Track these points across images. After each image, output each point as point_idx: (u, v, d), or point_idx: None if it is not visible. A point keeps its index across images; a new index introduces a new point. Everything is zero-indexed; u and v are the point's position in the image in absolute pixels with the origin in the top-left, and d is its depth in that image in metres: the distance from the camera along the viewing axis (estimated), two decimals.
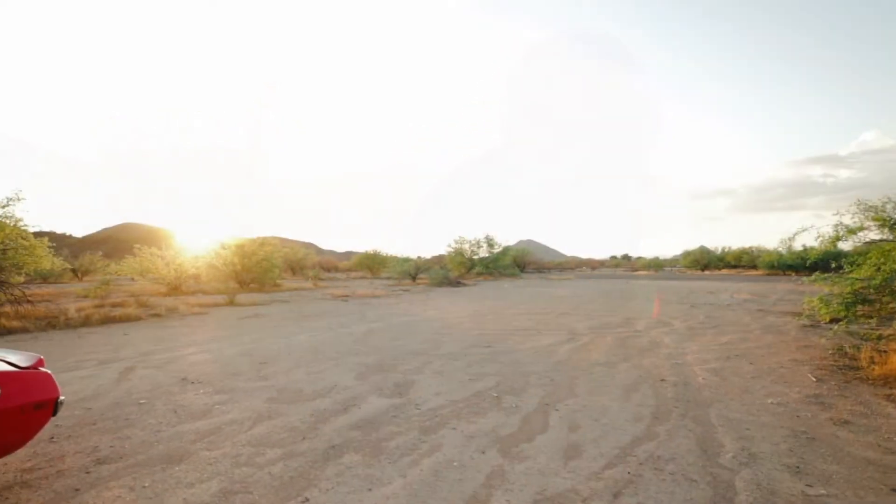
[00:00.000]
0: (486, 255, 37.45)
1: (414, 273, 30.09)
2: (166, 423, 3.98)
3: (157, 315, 11.43)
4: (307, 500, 2.73)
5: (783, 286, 23.01)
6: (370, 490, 2.85)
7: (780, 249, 42.75)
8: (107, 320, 10.35)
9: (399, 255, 37.67)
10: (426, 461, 3.25)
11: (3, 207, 10.51)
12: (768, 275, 39.80)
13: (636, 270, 61.07)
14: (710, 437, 3.65)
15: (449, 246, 38.31)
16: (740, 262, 51.07)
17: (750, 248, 51.81)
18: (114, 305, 12.42)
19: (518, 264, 44.21)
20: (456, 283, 25.94)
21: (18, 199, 10.69)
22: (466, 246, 37.85)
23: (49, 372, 2.80)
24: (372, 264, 39.73)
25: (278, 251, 23.55)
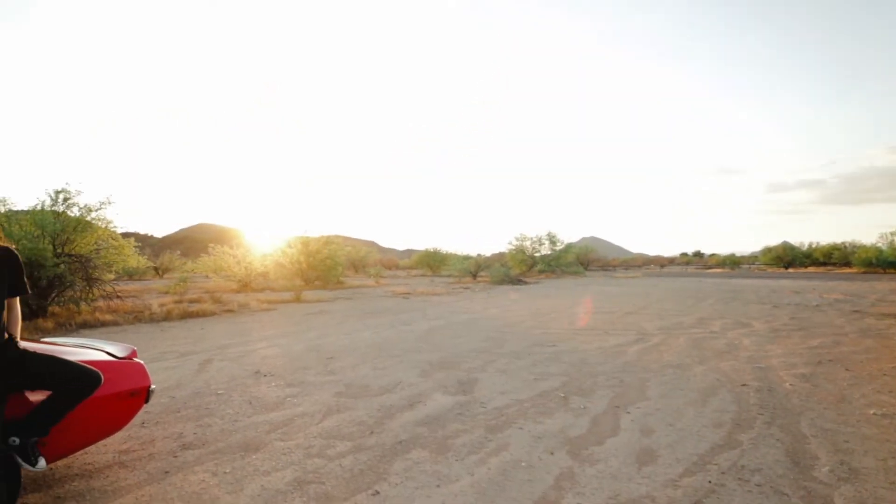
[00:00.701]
0: (548, 252, 36.76)
1: (474, 271, 30.05)
2: (242, 413, 4.16)
3: (230, 311, 12.07)
4: (377, 493, 2.76)
5: (884, 285, 20.99)
6: (438, 487, 2.84)
7: (879, 245, 38.81)
8: (185, 315, 11.04)
9: (459, 253, 37.72)
10: (493, 460, 3.20)
11: (96, 211, 11.44)
12: (865, 273, 36.34)
13: (709, 268, 57.72)
14: (801, 449, 3.36)
15: (510, 243, 37.92)
16: (830, 259, 46.67)
17: (842, 243, 47.25)
18: (191, 301, 13.25)
19: (581, 262, 43.06)
20: (517, 281, 25.67)
21: (109, 203, 11.61)
22: (527, 243, 37.25)
23: (142, 362, 3.00)
24: (432, 262, 40.04)
25: (341, 249, 24.27)
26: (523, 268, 35.73)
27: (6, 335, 2.25)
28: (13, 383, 2.25)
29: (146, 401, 2.92)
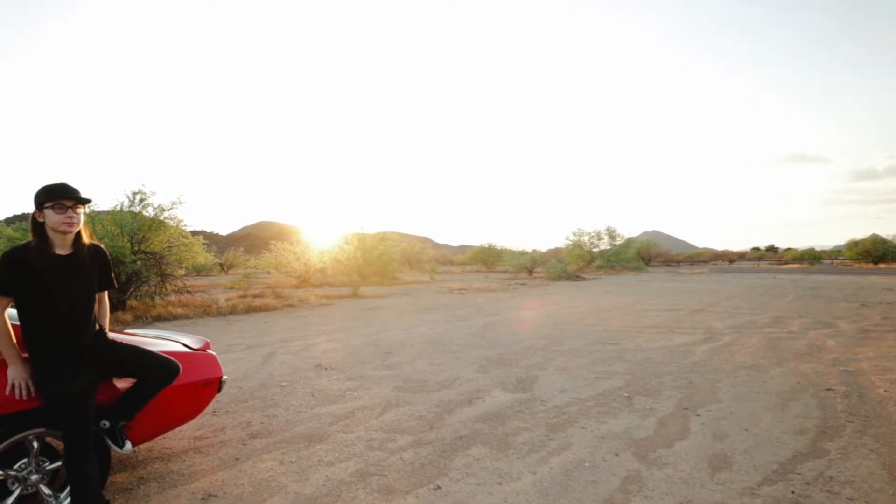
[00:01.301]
0: (608, 247, 35.69)
1: (530, 267, 29.67)
2: (305, 405, 4.29)
3: (290, 305, 12.51)
4: (439, 487, 2.76)
5: None
6: (500, 484, 2.80)
7: None
8: (249, 309, 11.54)
9: (514, 249, 37.36)
10: (555, 459, 3.13)
11: (168, 210, 12.18)
12: None
13: (785, 263, 53.84)
14: None
15: (567, 238, 37.06)
16: None
17: None
18: (254, 296, 13.84)
19: (642, 257, 41.42)
20: (575, 277, 25.11)
21: (180, 203, 12.33)
22: (585, 238, 36.28)
23: (214, 354, 3.15)
24: (487, 258, 39.89)
25: (397, 245, 24.62)
26: (581, 263, 34.91)
27: (97, 326, 2.42)
28: (104, 371, 2.41)
29: (219, 390, 3.05)
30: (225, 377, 3.10)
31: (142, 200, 11.95)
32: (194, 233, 13.31)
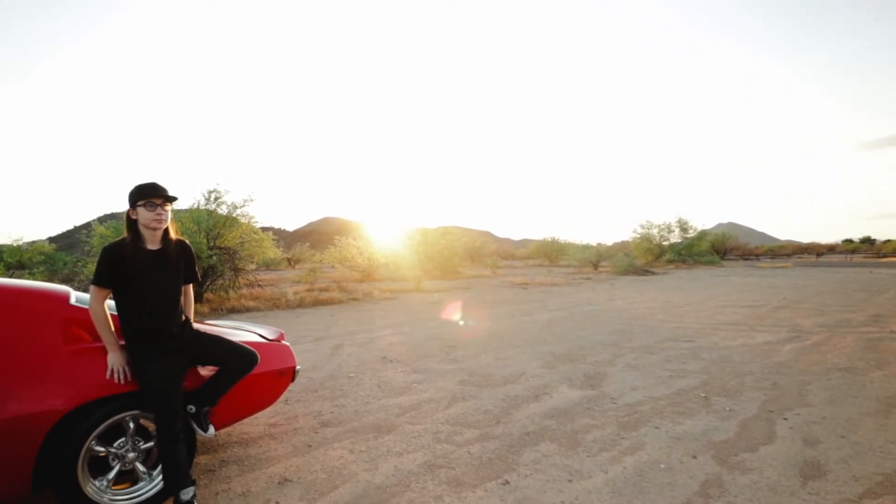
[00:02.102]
0: (679, 240, 33.97)
1: (595, 261, 28.83)
2: (373, 396, 4.39)
3: (355, 299, 12.83)
4: (507, 482, 2.73)
5: None
6: (570, 482, 2.73)
7: None
8: (316, 303, 11.94)
9: (579, 243, 36.41)
10: (628, 459, 3.01)
11: (240, 208, 12.81)
12: None
13: (884, 256, 48.96)
14: None
15: (634, 231, 35.58)
16: None
17: None
18: (321, 290, 14.31)
19: (717, 250, 39.10)
20: (643, 272, 24.14)
21: (251, 200, 12.94)
22: (655, 231, 34.68)
23: (288, 344, 3.28)
24: (550, 252, 39.14)
25: (458, 240, 24.67)
26: (650, 257, 33.50)
27: (183, 317, 2.58)
28: (190, 359, 2.57)
29: (292, 380, 3.17)
30: (299, 367, 3.22)
31: (216, 199, 12.64)
32: (263, 229, 13.93)
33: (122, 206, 2.43)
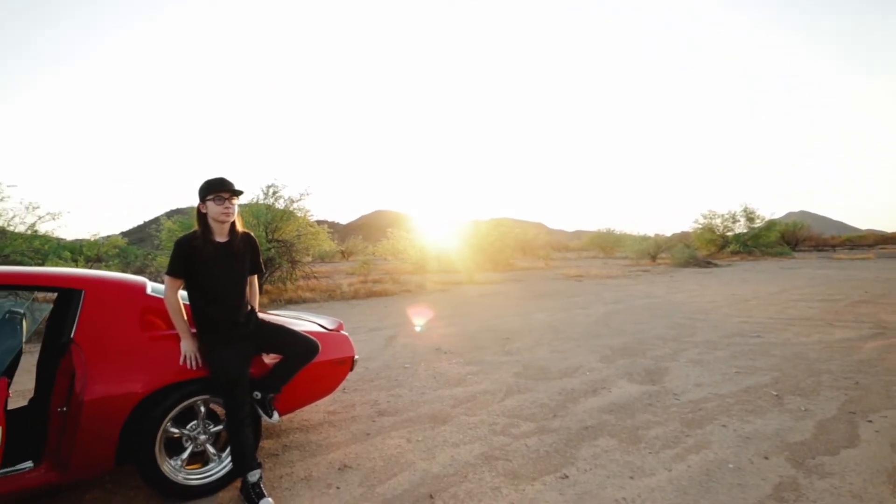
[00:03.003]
0: (744, 230, 32.15)
1: (653, 252, 27.83)
2: (428, 386, 4.42)
3: (408, 291, 12.98)
4: (566, 476, 2.68)
5: None
6: (632, 478, 2.65)
7: None
8: (370, 294, 12.18)
9: (635, 234, 35.22)
10: (693, 457, 2.89)
11: (297, 202, 13.22)
12: None
13: None
14: None
15: (696, 221, 33.95)
16: None
17: None
18: (374, 282, 14.58)
19: (787, 241, 36.70)
20: (705, 264, 23.06)
21: (307, 195, 13.33)
22: (718, 221, 32.98)
23: (347, 334, 3.35)
24: (605, 243, 38.14)
25: (510, 231, 24.46)
26: (712, 248, 31.95)
27: (249, 307, 2.69)
28: (255, 347, 2.68)
29: (351, 369, 3.25)
30: (357, 356, 3.29)
31: (274, 193, 13.11)
32: (318, 222, 14.33)
33: (187, 202, 2.56)
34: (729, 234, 32.44)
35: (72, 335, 2.36)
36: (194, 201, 2.56)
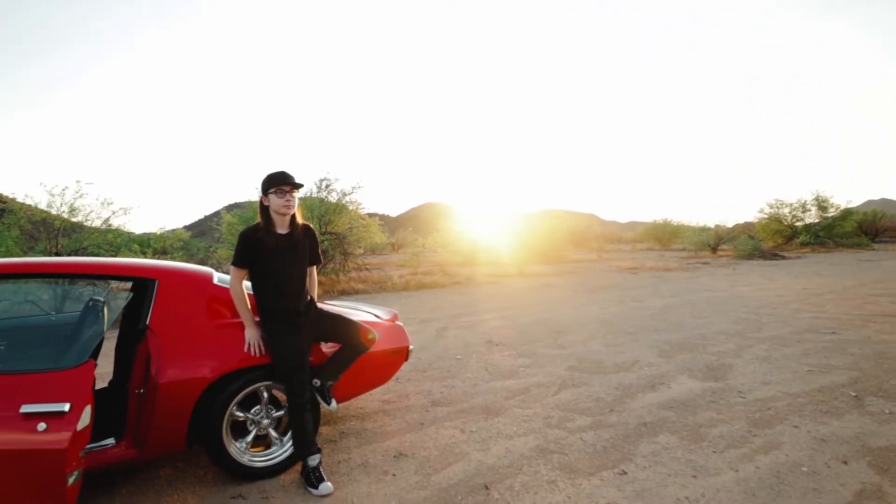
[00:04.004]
0: (815, 220, 30.01)
1: (714, 244, 26.55)
2: (481, 378, 4.42)
3: (458, 283, 12.99)
4: (624, 472, 2.61)
5: None
6: (694, 477, 2.55)
7: None
8: (420, 286, 12.27)
9: (694, 224, 33.66)
10: (762, 458, 2.74)
11: (349, 195, 13.46)
12: None
13: None
14: None
15: (761, 211, 31.89)
16: None
17: None
18: (424, 274, 14.67)
19: (865, 231, 33.98)
20: (771, 255, 21.79)
21: (359, 188, 13.54)
22: (786, 210, 30.94)
23: (402, 325, 3.39)
24: (661, 235, 36.66)
25: (562, 223, 23.99)
26: (779, 240, 30.07)
27: (309, 297, 2.77)
28: (314, 336, 2.75)
29: (406, 359, 3.29)
30: (412, 347, 3.32)
31: (327, 186, 13.40)
32: (369, 215, 14.56)
33: (245, 196, 2.64)
34: (798, 224, 30.39)
35: (147, 322, 2.50)
36: (251, 196, 2.65)
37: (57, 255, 8.81)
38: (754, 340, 5.57)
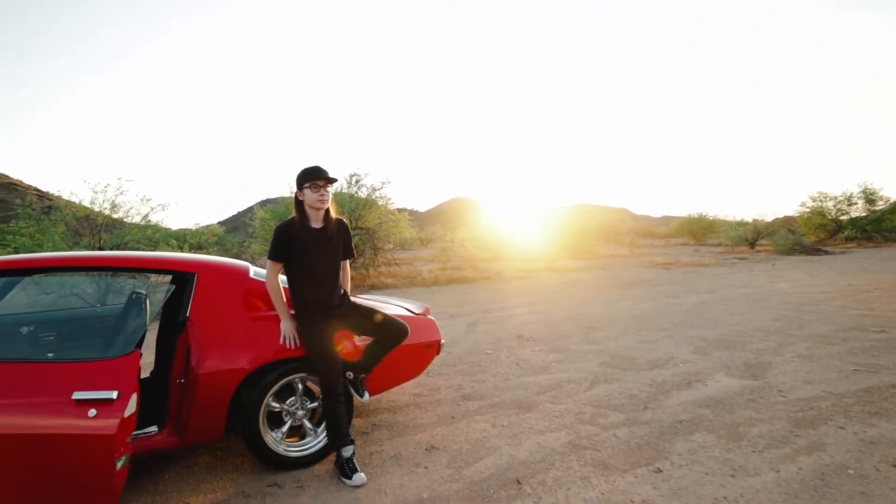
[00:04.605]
0: (863, 213, 28.61)
1: (752, 238, 25.71)
2: (511, 373, 4.40)
3: (487, 278, 12.94)
4: (659, 470, 2.56)
5: None
6: (733, 477, 2.48)
7: None
8: (450, 281, 12.26)
9: (731, 219, 32.62)
10: (805, 459, 2.65)
11: (378, 190, 13.55)
12: None
13: None
14: None
15: (802, 205, 30.70)
16: None
17: None
18: (454, 268, 14.67)
19: None
20: (813, 251, 20.95)
21: (388, 183, 13.63)
22: (830, 203, 29.65)
23: (434, 319, 3.40)
24: (696, 229, 35.65)
25: (592, 218, 23.63)
26: (822, 234, 28.84)
27: (342, 290, 2.81)
28: (348, 329, 2.79)
29: (438, 353, 3.30)
30: (443, 341, 3.33)
31: (357, 182, 13.54)
32: (398, 210, 14.64)
33: (278, 192, 2.69)
34: (843, 217, 29.08)
35: (188, 314, 2.58)
36: (284, 192, 2.70)
37: (100, 249, 9.17)
38: (795, 338, 5.38)
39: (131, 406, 1.96)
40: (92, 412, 1.86)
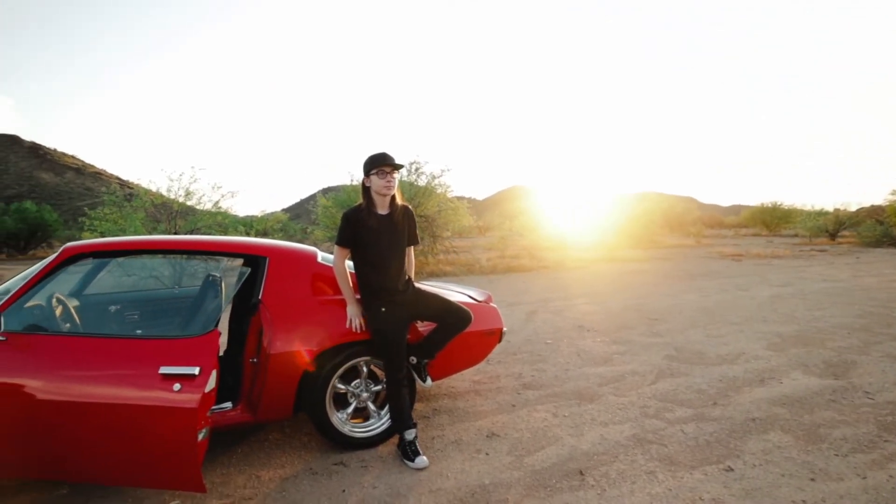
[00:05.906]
0: None
1: (833, 229, 23.90)
2: (572, 364, 4.33)
3: (545, 267, 12.75)
4: (731, 469, 2.46)
5: None
6: (813, 480, 2.35)
7: None
8: (508, 269, 12.17)
9: (809, 208, 30.41)
10: (895, 467, 2.46)
11: (437, 178, 13.58)
12: None
13: None
14: None
15: (892, 193, 28.22)
16: None
17: None
18: (511, 257, 14.54)
19: None
20: None
21: (447, 171, 13.64)
22: None
23: (496, 307, 3.39)
24: (769, 219, 33.49)
25: (657, 206, 22.70)
26: None
27: (407, 276, 2.85)
28: (412, 315, 2.83)
29: (499, 340, 3.30)
30: (505, 329, 3.32)
31: (417, 170, 13.62)
32: (457, 198, 14.62)
33: (339, 180, 2.73)
34: None
35: (260, 296, 2.71)
36: (345, 180, 2.75)
37: (175, 234, 9.77)
38: (884, 337, 4.98)
39: (211, 382, 2.09)
40: (176, 386, 2.00)
